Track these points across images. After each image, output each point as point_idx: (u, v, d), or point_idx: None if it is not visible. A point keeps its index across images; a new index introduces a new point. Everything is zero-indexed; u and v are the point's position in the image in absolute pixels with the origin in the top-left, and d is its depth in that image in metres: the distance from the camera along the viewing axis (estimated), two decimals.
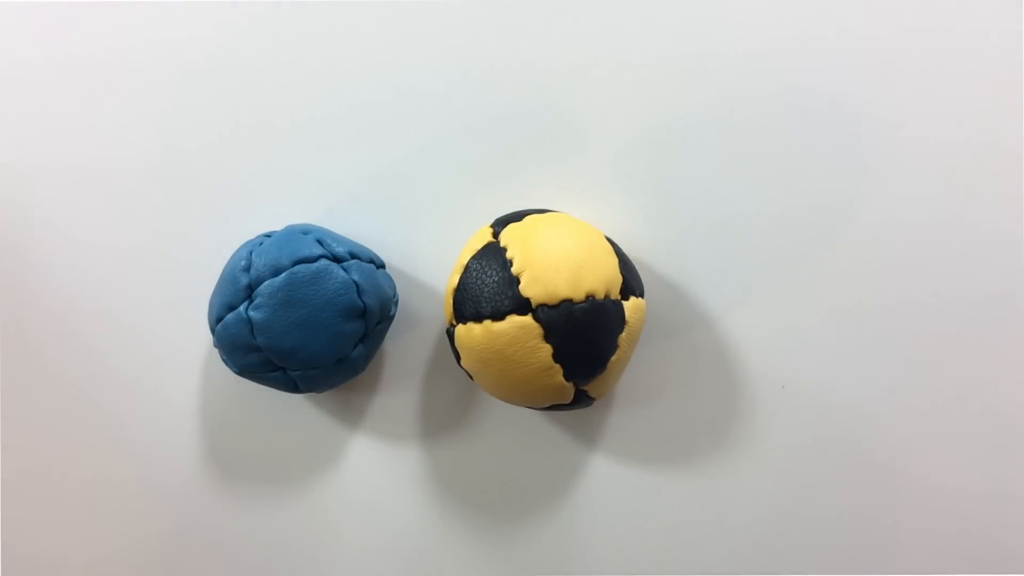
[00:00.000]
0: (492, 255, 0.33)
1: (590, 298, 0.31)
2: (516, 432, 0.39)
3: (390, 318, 0.37)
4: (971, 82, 0.37)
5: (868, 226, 0.37)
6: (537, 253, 0.32)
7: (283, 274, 0.33)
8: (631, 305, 0.33)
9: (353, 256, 0.35)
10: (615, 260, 0.33)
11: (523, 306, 0.31)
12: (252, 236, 0.38)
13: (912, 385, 0.38)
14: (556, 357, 0.31)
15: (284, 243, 0.34)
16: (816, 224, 0.37)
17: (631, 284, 0.33)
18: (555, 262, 0.31)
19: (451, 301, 0.34)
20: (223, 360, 0.36)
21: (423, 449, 0.40)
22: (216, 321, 0.35)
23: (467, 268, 0.33)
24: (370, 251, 0.37)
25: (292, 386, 0.35)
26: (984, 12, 0.36)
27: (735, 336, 0.38)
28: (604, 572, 0.39)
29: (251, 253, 0.34)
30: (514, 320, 0.31)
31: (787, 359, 0.38)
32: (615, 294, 0.32)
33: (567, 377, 0.32)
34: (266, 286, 0.33)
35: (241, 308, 0.34)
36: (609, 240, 0.35)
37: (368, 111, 0.39)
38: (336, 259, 0.35)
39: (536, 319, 0.31)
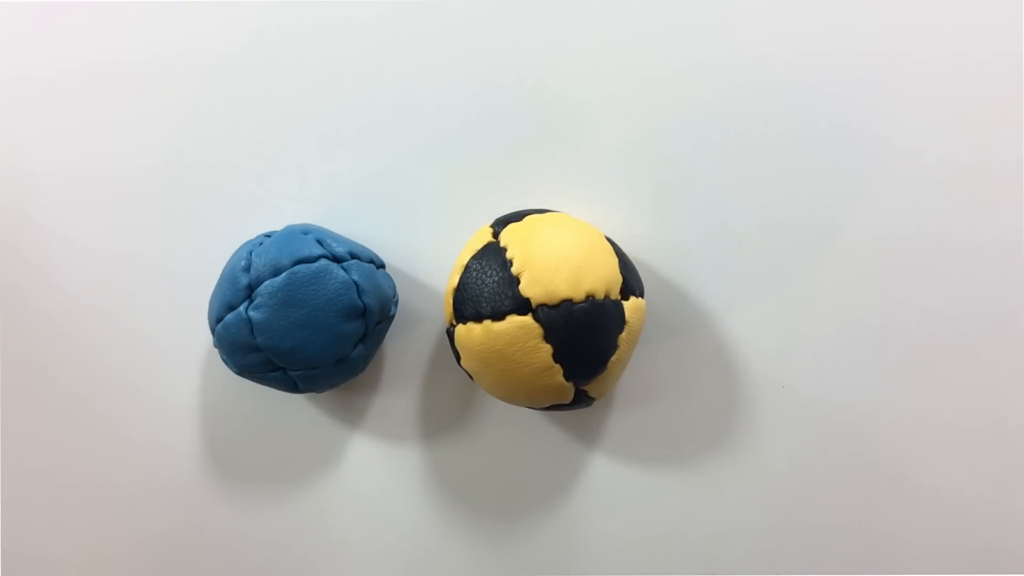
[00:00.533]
0: (492, 255, 0.33)
1: (590, 298, 0.31)
2: (516, 432, 0.39)
3: (390, 318, 0.37)
4: (973, 87, 0.37)
5: (869, 227, 0.37)
6: (537, 253, 0.32)
7: (283, 274, 0.33)
8: (631, 305, 0.33)
9: (353, 256, 0.35)
10: (615, 260, 0.33)
11: (523, 306, 0.31)
12: (252, 236, 0.38)
13: (911, 386, 0.38)
14: (556, 357, 0.31)
15: (284, 243, 0.34)
16: (816, 224, 0.37)
17: (631, 284, 0.33)
18: (555, 262, 0.31)
19: (451, 301, 0.34)
20: (223, 360, 0.36)
21: (423, 449, 0.40)
22: (216, 321, 0.35)
23: (467, 268, 0.33)
24: (370, 251, 0.37)
25: (292, 386, 0.35)
26: (985, 17, 0.36)
27: (735, 336, 0.38)
28: (604, 572, 0.39)
29: (251, 253, 0.34)
30: (514, 320, 0.31)
31: (787, 359, 0.38)
32: (615, 294, 0.32)
33: (567, 377, 0.32)
34: (266, 286, 0.33)
35: (241, 308, 0.34)
36: (609, 240, 0.35)
37: (368, 111, 0.39)
38: (336, 259, 0.35)
39: (536, 319, 0.31)
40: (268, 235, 0.36)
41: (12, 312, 0.41)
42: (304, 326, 0.33)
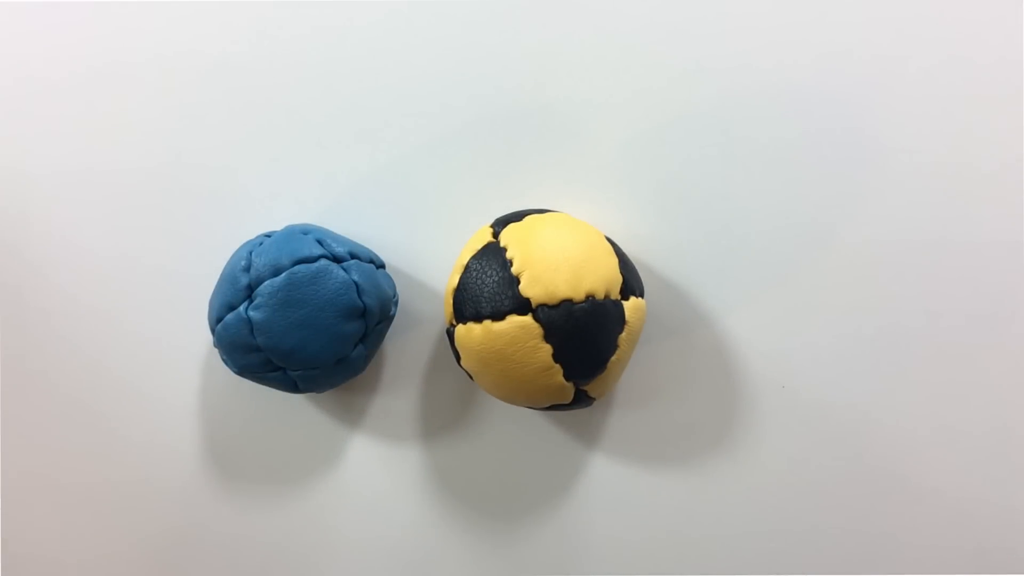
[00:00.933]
0: (492, 255, 0.33)
1: (590, 298, 0.31)
2: (516, 432, 0.39)
3: (390, 318, 0.37)
4: (972, 90, 0.37)
5: (869, 227, 0.37)
6: (537, 253, 0.32)
7: (283, 274, 0.33)
8: (631, 305, 0.33)
9: (353, 256, 0.35)
10: (615, 260, 0.33)
11: (523, 306, 0.31)
12: (252, 236, 0.38)
13: (911, 386, 0.38)
14: (556, 357, 0.31)
15: (284, 243, 0.34)
16: (816, 224, 0.37)
17: (631, 284, 0.33)
18: (555, 262, 0.31)
19: (451, 301, 0.34)
20: (223, 360, 0.36)
21: (423, 449, 0.40)
22: (216, 321, 0.35)
23: (467, 268, 0.33)
24: (370, 251, 0.37)
25: (292, 386, 0.35)
26: (985, 20, 0.36)
27: (735, 336, 0.38)
28: (604, 572, 0.39)
29: (251, 253, 0.34)
30: (514, 320, 0.31)
31: (787, 359, 0.38)
32: (615, 294, 0.32)
33: (567, 377, 0.32)
34: (266, 286, 0.33)
35: (241, 308, 0.34)
36: (609, 240, 0.35)
37: (368, 111, 0.39)
38: (336, 259, 0.35)
39: (536, 319, 0.31)
40: (268, 235, 0.36)
41: (12, 312, 0.41)
42: (304, 326, 0.33)
